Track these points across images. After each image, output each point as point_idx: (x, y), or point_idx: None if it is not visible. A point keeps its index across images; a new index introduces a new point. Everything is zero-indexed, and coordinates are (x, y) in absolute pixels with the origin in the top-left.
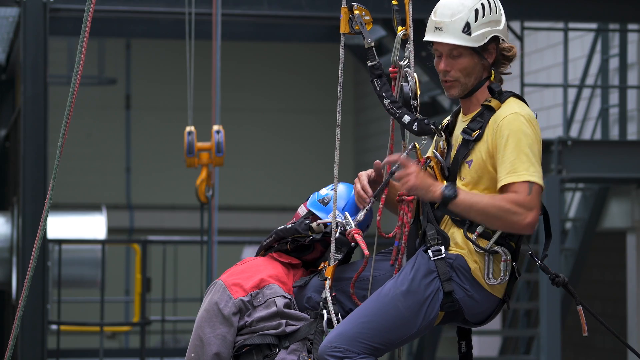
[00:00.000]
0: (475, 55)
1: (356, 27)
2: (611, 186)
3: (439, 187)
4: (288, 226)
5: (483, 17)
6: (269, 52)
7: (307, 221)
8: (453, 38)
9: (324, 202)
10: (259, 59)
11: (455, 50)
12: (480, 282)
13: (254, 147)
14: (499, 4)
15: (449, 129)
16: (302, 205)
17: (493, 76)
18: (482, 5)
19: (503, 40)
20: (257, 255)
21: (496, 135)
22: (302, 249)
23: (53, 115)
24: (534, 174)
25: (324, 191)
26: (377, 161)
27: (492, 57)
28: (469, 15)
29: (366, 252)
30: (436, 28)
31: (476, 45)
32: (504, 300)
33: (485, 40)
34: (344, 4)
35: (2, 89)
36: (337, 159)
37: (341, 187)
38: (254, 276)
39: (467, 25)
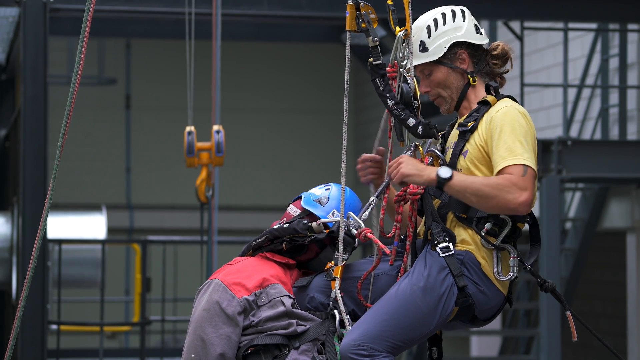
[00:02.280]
0: (442, 67)
1: (363, 25)
2: (611, 186)
3: (434, 170)
4: (285, 226)
5: (436, 30)
6: (269, 52)
7: (305, 221)
8: (416, 60)
9: (321, 202)
10: (259, 59)
11: (425, 70)
12: (490, 277)
13: (254, 147)
14: (457, 11)
15: (445, 137)
16: (291, 205)
17: (472, 80)
18: (435, 20)
19: (471, 44)
20: (243, 254)
21: (490, 125)
22: (297, 249)
23: (53, 115)
24: (529, 159)
25: (317, 191)
26: (381, 148)
27: (465, 63)
28: (421, 34)
29: (387, 250)
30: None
31: (435, 57)
32: (509, 297)
33: (445, 50)
34: (350, 1)
35: (2, 89)
36: (345, 157)
37: (335, 189)
38: (254, 275)
39: (422, 43)
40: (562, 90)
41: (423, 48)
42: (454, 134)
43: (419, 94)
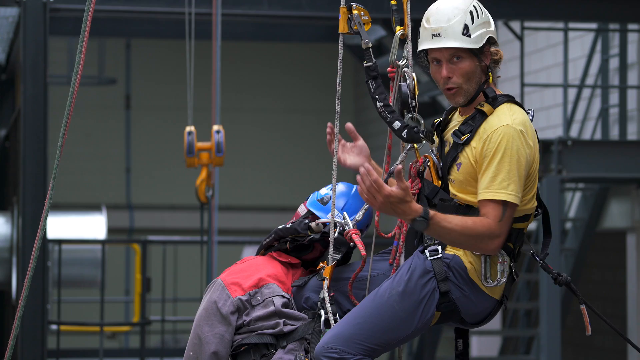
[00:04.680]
0: (475, 58)
1: (355, 27)
2: (611, 186)
3: (411, 215)
4: (288, 225)
5: (478, 18)
6: (269, 52)
7: (307, 221)
8: (455, 41)
9: (323, 202)
10: (259, 59)
11: (455, 55)
12: (477, 283)
13: (254, 147)
14: (483, 7)
15: (441, 127)
16: (302, 204)
17: (491, 78)
18: (475, 7)
19: (494, 42)
20: (257, 254)
21: (484, 145)
22: (301, 248)
23: (53, 115)
24: (511, 193)
25: (323, 190)
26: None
27: (488, 59)
28: (466, 17)
29: (363, 252)
30: (434, 35)
31: (477, 46)
32: (502, 301)
33: (483, 42)
34: (342, 4)
35: (2, 89)
36: (336, 159)
37: (341, 187)
38: (252, 275)
39: (466, 27)
40: (562, 90)
41: (466, 33)
42: (449, 137)
43: (417, 93)
